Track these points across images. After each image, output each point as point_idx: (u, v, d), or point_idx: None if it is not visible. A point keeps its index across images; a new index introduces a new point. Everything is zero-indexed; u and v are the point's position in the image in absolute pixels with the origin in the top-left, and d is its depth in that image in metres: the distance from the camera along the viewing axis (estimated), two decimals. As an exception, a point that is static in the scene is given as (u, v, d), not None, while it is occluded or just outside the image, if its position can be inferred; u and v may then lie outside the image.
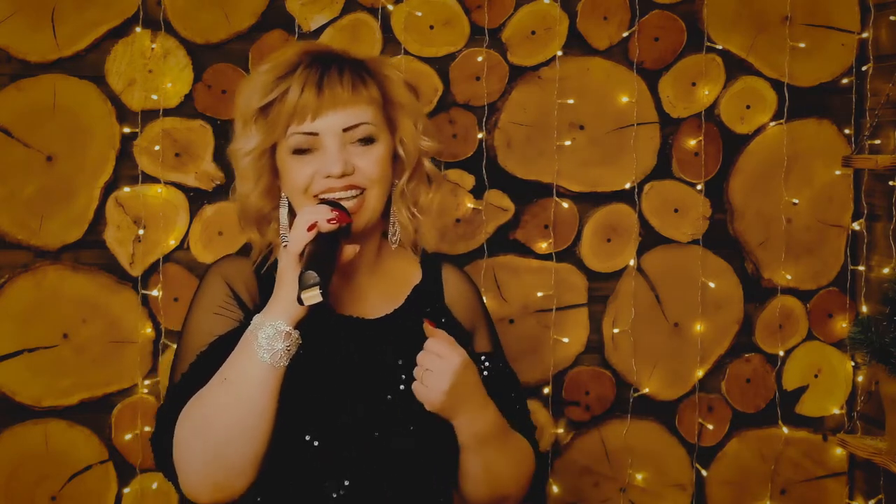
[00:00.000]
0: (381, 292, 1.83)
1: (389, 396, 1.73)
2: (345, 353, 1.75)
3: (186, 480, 1.63)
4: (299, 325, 1.63)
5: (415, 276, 1.88)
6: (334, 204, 1.68)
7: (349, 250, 1.67)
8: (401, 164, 1.81)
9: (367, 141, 1.74)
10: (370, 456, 1.71)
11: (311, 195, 1.72)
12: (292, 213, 1.76)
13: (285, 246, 1.64)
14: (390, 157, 1.78)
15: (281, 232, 1.77)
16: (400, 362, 1.76)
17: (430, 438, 1.73)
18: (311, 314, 1.64)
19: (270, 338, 1.59)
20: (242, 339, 1.62)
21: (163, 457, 1.67)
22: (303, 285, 1.54)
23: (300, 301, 1.54)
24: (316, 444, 1.69)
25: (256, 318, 1.62)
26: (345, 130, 1.72)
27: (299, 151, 1.73)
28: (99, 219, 2.48)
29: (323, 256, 1.59)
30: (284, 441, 1.67)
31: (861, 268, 2.76)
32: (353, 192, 1.72)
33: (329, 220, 1.62)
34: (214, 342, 1.70)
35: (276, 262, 1.75)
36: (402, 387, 1.74)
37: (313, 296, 1.53)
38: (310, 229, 1.61)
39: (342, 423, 1.70)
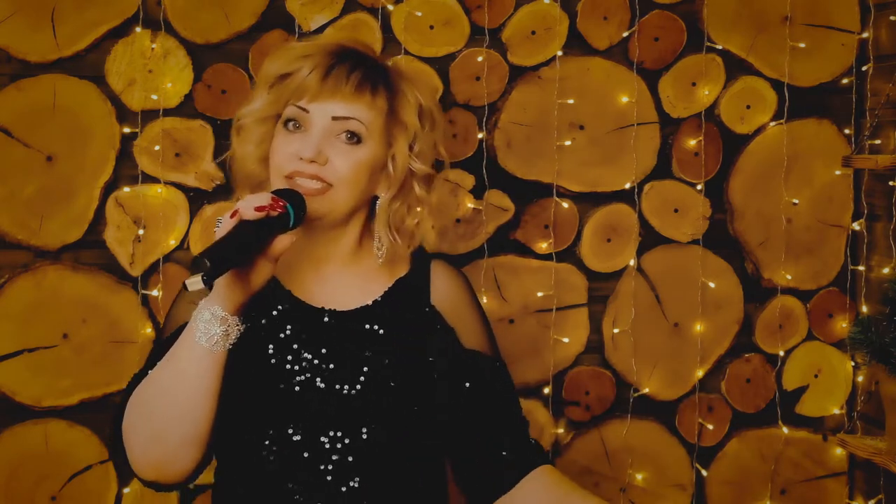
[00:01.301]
0: (358, 285, 1.84)
1: (353, 389, 1.74)
2: (309, 343, 1.76)
3: (130, 457, 1.67)
4: (272, 312, 1.66)
5: (400, 269, 1.89)
6: (287, 193, 1.66)
7: (282, 241, 1.60)
8: (388, 179, 1.81)
9: (354, 140, 1.75)
10: (335, 448, 1.72)
11: (281, 175, 1.74)
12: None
13: (216, 230, 1.61)
14: (372, 166, 1.78)
15: None
16: (367, 354, 1.77)
17: (404, 431, 1.74)
18: (255, 301, 1.63)
19: (207, 322, 1.59)
20: (189, 324, 1.63)
21: (117, 434, 1.70)
22: (191, 269, 1.49)
23: (184, 286, 1.50)
24: (277, 433, 1.71)
25: (200, 303, 1.61)
26: (334, 119, 1.75)
27: (289, 122, 1.76)
28: (99, 219, 2.48)
29: (232, 244, 1.54)
30: (243, 431, 1.69)
31: (861, 268, 2.76)
32: (318, 184, 1.73)
33: (256, 208, 1.57)
34: (180, 327, 1.71)
35: None
36: (363, 378, 1.75)
37: (195, 282, 1.48)
38: (232, 216, 1.57)
39: (303, 414, 1.72)
